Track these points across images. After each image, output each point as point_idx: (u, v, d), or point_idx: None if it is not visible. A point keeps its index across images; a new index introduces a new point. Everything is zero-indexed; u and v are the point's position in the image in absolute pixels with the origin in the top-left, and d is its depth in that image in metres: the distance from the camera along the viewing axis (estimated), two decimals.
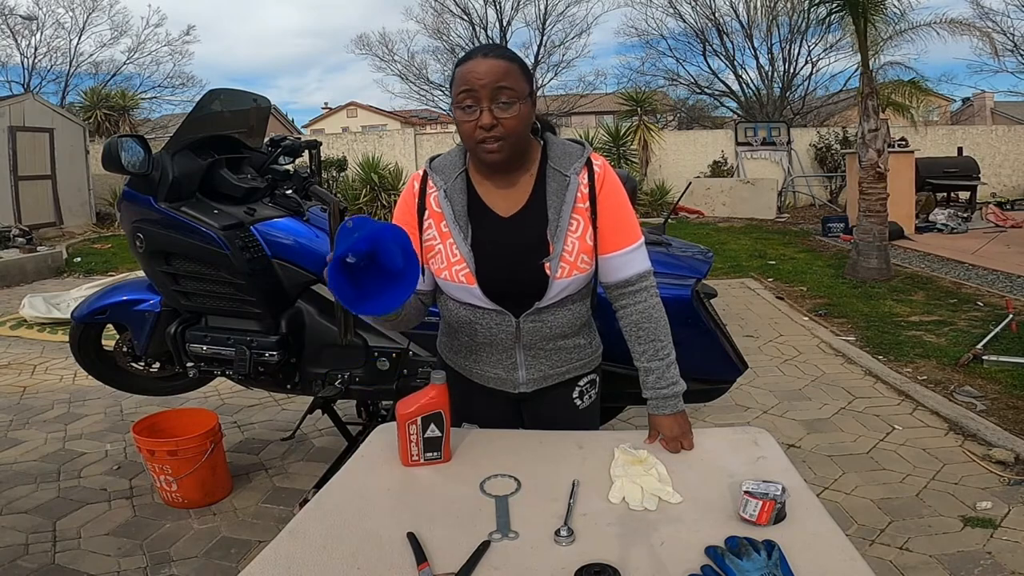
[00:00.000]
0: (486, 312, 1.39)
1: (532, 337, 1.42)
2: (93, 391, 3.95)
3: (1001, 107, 22.49)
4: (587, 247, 1.35)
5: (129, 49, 21.62)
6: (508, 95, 1.24)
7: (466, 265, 1.34)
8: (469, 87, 1.24)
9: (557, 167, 1.35)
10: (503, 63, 1.25)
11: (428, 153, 13.57)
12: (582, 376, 1.52)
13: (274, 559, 1.02)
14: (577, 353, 1.49)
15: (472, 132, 1.26)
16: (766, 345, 4.67)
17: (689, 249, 2.49)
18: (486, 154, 1.28)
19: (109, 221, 11.71)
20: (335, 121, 32.75)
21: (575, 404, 1.53)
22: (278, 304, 2.50)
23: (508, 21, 20.09)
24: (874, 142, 6.52)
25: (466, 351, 1.50)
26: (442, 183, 1.37)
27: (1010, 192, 13.54)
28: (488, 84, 1.23)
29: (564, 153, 1.37)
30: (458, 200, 1.36)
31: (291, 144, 2.70)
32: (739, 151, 13.62)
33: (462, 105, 1.26)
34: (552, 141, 1.39)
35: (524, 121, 1.28)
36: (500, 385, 1.49)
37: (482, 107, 1.24)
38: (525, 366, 1.45)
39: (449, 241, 1.35)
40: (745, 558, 0.96)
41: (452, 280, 1.36)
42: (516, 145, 1.30)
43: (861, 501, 2.60)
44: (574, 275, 1.35)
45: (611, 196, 1.37)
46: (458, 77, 1.27)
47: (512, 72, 1.26)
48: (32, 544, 2.43)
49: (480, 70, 1.24)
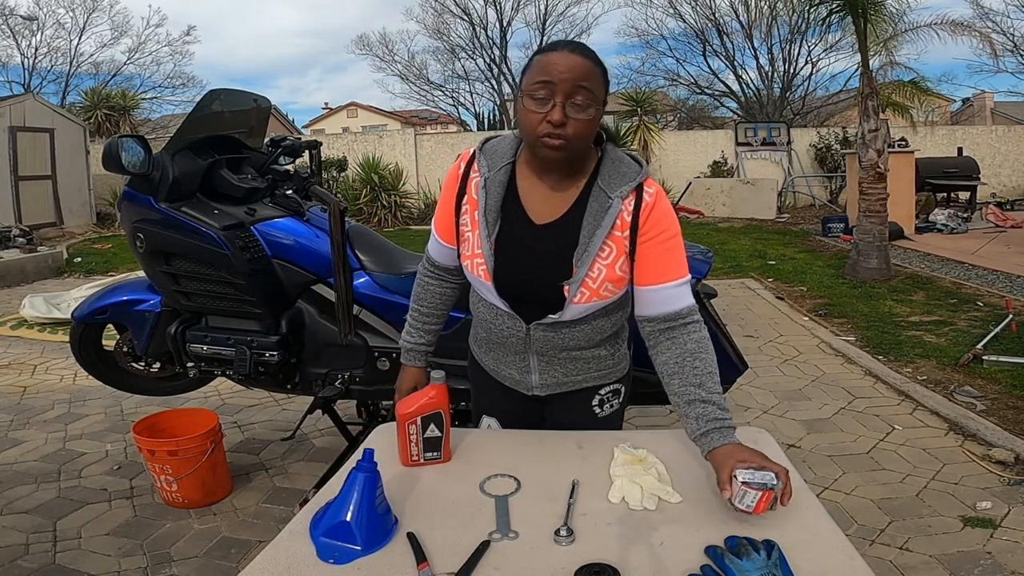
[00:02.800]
0: (499, 312, 1.38)
1: (543, 346, 1.39)
2: (93, 391, 3.95)
3: (1001, 107, 22.48)
4: (615, 276, 1.28)
5: (129, 49, 21.68)
6: (585, 97, 1.18)
7: (484, 261, 1.31)
8: (548, 78, 1.17)
9: (604, 186, 1.26)
10: (588, 63, 1.19)
11: (428, 153, 13.67)
12: (603, 385, 1.48)
13: (274, 559, 1.02)
14: (596, 364, 1.44)
15: (537, 124, 1.19)
16: (766, 345, 4.67)
17: (689, 249, 2.47)
18: (546, 148, 1.20)
19: (109, 221, 11.71)
20: (335, 121, 32.77)
21: (594, 412, 1.50)
22: (278, 304, 2.50)
23: (508, 21, 20.17)
24: (874, 142, 6.52)
25: (486, 346, 1.50)
26: (486, 170, 1.31)
27: (1010, 192, 13.53)
28: (569, 80, 1.16)
29: (617, 172, 1.28)
30: (494, 193, 1.30)
31: (291, 144, 2.70)
32: (739, 151, 13.62)
33: (536, 95, 1.18)
34: (610, 155, 1.30)
35: (593, 127, 1.22)
36: (515, 385, 1.49)
37: (556, 101, 1.17)
38: (538, 371, 1.44)
39: (477, 232, 1.31)
40: (745, 558, 0.96)
41: (471, 271, 1.35)
42: (577, 150, 1.24)
43: (861, 501, 2.60)
44: (594, 301, 1.30)
45: (657, 229, 1.27)
46: (536, 65, 1.20)
47: (595, 75, 1.20)
48: (32, 544, 2.43)
49: (564, 64, 1.17)
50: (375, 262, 2.52)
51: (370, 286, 2.49)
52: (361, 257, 2.51)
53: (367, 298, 2.49)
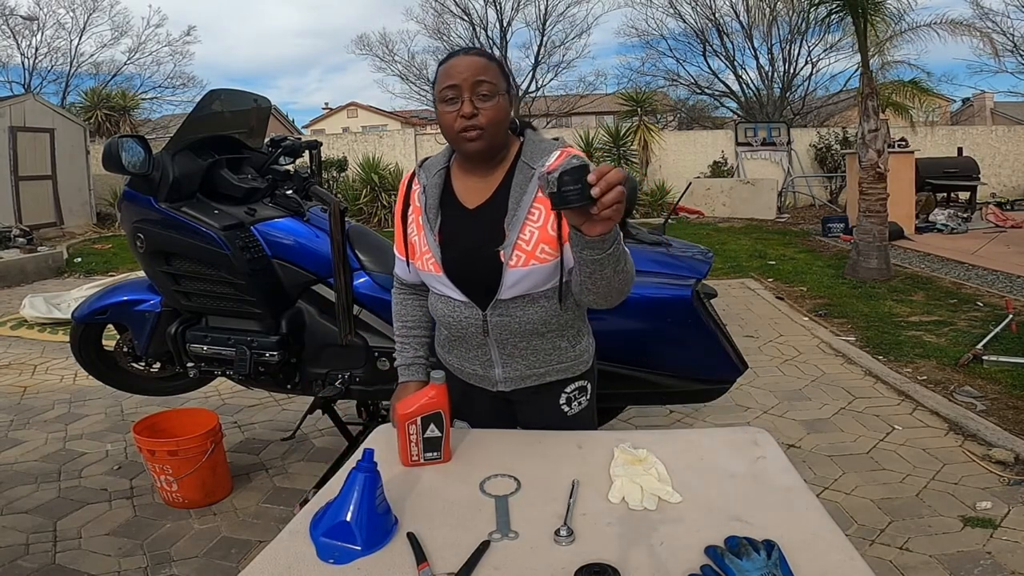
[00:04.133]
0: (457, 304, 1.43)
1: (501, 332, 1.42)
2: (94, 391, 3.95)
3: (1001, 107, 22.46)
4: (548, 237, 1.34)
5: (130, 49, 21.67)
6: (487, 88, 1.31)
7: (432, 254, 1.40)
8: (452, 81, 1.31)
9: (527, 161, 1.40)
10: (482, 60, 1.34)
11: (428, 153, 13.61)
12: (568, 382, 1.51)
13: (274, 559, 1.02)
14: (557, 356, 1.47)
15: (453, 123, 1.32)
16: (766, 345, 4.67)
17: (689, 249, 2.49)
18: (466, 143, 1.33)
19: (109, 221, 11.72)
20: (335, 121, 32.74)
21: (563, 411, 1.52)
22: (278, 304, 2.50)
23: (508, 21, 20.11)
24: (874, 142, 6.52)
25: (448, 346, 1.54)
26: (424, 179, 1.45)
27: (1010, 192, 13.53)
28: (469, 77, 1.30)
29: (538, 149, 1.41)
30: (432, 194, 1.44)
31: (291, 144, 2.70)
32: (739, 151, 13.62)
33: (445, 98, 1.33)
34: (529, 138, 1.44)
35: (502, 113, 1.34)
36: (479, 382, 1.51)
37: (463, 98, 1.31)
38: (501, 363, 1.46)
39: (422, 233, 1.43)
40: (745, 558, 0.96)
41: (424, 269, 1.44)
42: (494, 137, 1.35)
43: (861, 501, 2.60)
44: (532, 264, 1.34)
45: None
46: (441, 74, 1.35)
47: (490, 68, 1.33)
48: (33, 544, 2.43)
49: (461, 65, 1.32)
50: (375, 262, 2.52)
51: (370, 286, 2.49)
52: (361, 257, 2.52)
53: (367, 298, 2.49)
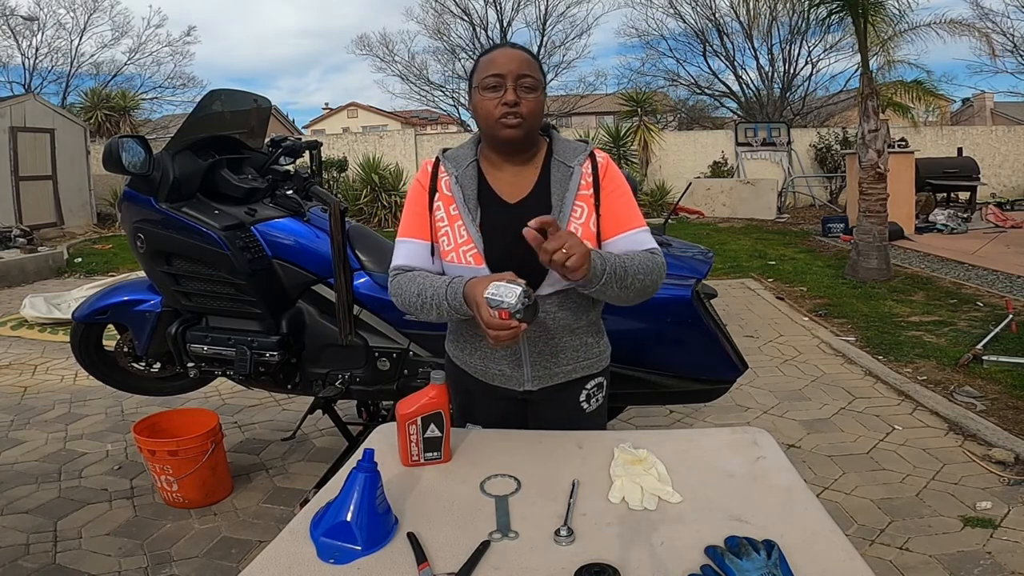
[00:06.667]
0: None
1: (535, 329, 1.42)
2: (94, 391, 3.95)
3: (1001, 107, 22.46)
4: (590, 233, 1.40)
5: (130, 50, 21.62)
6: (530, 81, 1.36)
7: (474, 246, 1.39)
8: (497, 70, 1.35)
9: (561, 159, 1.43)
10: (527, 55, 1.39)
11: (428, 153, 13.65)
12: (589, 378, 1.53)
13: (274, 559, 1.02)
14: (584, 352, 1.50)
15: (494, 109, 1.35)
16: (766, 345, 4.67)
17: (689, 249, 2.49)
18: (505, 128, 1.35)
19: (110, 221, 11.72)
20: (336, 121, 32.77)
21: (582, 407, 1.53)
22: (279, 304, 2.50)
23: (508, 22, 20.11)
24: (874, 143, 6.52)
25: (471, 346, 1.51)
26: (454, 170, 1.44)
27: (1010, 192, 13.53)
28: (515, 69, 1.35)
29: (568, 148, 1.46)
30: (468, 185, 1.43)
31: (292, 144, 2.70)
32: (739, 151, 13.62)
33: (487, 86, 1.36)
34: (557, 138, 1.48)
35: (540, 107, 1.39)
36: (506, 383, 1.50)
37: (508, 85, 1.34)
38: (531, 362, 1.46)
39: (458, 223, 1.41)
40: (745, 558, 0.96)
41: (459, 261, 1.40)
42: (532, 128, 1.39)
43: (861, 501, 2.60)
44: None
45: (614, 184, 1.44)
46: (484, 63, 1.38)
47: (534, 64, 1.39)
48: (33, 544, 2.43)
49: (507, 56, 1.37)
50: (375, 262, 2.52)
51: (370, 286, 2.49)
52: (361, 257, 2.52)
53: (367, 298, 2.49)
